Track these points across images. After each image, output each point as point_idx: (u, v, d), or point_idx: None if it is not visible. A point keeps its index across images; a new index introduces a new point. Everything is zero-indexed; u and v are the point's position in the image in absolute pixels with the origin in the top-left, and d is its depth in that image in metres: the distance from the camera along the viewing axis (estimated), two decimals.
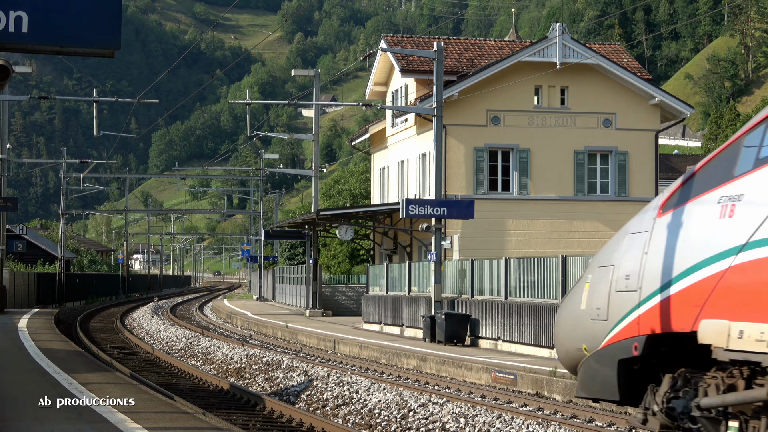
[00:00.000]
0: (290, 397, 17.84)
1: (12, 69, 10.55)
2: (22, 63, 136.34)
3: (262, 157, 74.58)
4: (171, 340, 32.26)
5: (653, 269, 10.54)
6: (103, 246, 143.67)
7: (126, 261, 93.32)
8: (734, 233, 9.64)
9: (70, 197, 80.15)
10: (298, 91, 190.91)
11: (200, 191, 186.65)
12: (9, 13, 9.10)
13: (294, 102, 36.64)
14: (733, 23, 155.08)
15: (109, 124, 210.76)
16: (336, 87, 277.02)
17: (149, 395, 14.46)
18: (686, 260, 10.12)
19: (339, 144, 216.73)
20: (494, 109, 38.75)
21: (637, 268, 10.80)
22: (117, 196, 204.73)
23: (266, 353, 24.11)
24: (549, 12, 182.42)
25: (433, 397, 15.56)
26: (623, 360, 10.66)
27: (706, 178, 10.52)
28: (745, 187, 9.88)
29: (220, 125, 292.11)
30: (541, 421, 13.11)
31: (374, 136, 48.14)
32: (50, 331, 30.26)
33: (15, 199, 44.86)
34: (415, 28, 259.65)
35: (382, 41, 42.95)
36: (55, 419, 11.78)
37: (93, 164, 61.66)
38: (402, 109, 39.15)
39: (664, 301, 10.37)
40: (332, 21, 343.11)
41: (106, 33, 9.40)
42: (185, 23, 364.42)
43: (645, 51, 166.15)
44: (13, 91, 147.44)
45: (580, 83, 39.16)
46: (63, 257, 64.19)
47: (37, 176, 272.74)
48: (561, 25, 39.67)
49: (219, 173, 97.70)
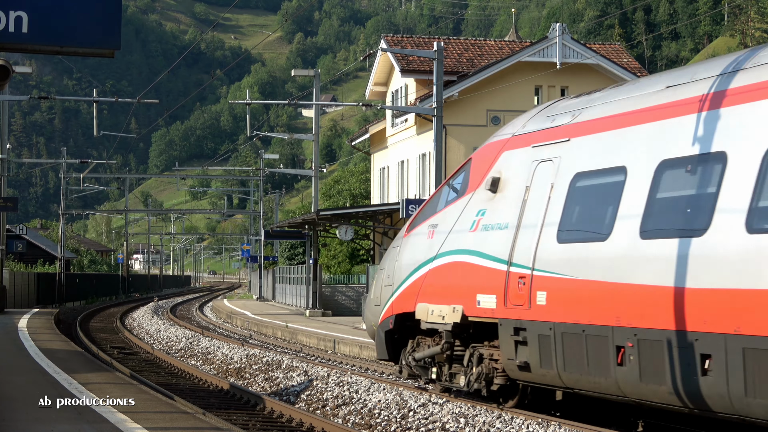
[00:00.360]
0: (290, 397, 17.85)
1: (12, 69, 10.55)
2: (22, 63, 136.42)
3: (262, 157, 74.58)
4: (171, 340, 32.26)
5: (399, 271, 16.42)
6: (103, 246, 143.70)
7: (126, 261, 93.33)
8: (431, 249, 15.59)
9: (70, 197, 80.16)
10: (298, 91, 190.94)
11: (200, 191, 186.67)
12: (9, 13, 9.11)
13: (294, 102, 36.64)
14: (733, 23, 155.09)
15: (109, 124, 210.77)
16: (336, 87, 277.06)
17: (149, 395, 14.47)
18: (412, 266, 16.05)
19: (339, 144, 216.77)
20: (494, 109, 38.76)
21: (392, 270, 16.78)
22: (117, 196, 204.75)
23: (266, 353, 24.11)
24: (549, 12, 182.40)
25: (433, 397, 15.56)
26: (388, 331, 16.72)
27: (426, 210, 16.54)
28: (439, 219, 15.77)
29: (220, 125, 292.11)
30: (541, 421, 13.11)
31: (374, 136, 48.16)
32: (50, 331, 30.27)
33: (15, 199, 44.87)
34: (415, 28, 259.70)
35: (382, 41, 42.97)
36: (55, 419, 11.78)
37: (93, 164, 61.67)
38: (402, 109, 39.17)
39: (402, 292, 16.24)
40: (332, 21, 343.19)
41: (106, 33, 9.40)
42: (185, 23, 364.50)
43: (645, 51, 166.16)
44: (13, 91, 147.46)
45: (580, 83, 39.12)
46: (63, 257, 64.20)
47: (37, 176, 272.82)
48: (561, 25, 39.70)
49: (219, 173, 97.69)
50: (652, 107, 12.34)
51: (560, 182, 13.32)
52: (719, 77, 11.53)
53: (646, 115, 12.33)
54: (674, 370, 11.03)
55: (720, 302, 10.48)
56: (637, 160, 12.13)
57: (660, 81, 12.82)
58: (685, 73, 12.40)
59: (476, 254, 14.44)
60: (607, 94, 13.70)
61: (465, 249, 14.76)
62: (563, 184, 13.25)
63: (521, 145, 14.57)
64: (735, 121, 10.98)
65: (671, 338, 11.03)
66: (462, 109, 38.40)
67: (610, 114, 13.05)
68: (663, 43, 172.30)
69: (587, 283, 12.31)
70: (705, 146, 11.20)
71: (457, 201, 15.49)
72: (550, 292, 12.90)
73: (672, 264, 11.08)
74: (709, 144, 11.17)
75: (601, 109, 13.35)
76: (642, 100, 12.64)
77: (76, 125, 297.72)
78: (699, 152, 11.27)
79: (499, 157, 14.91)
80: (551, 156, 13.70)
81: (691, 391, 10.89)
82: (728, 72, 11.47)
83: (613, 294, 11.90)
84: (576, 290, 12.51)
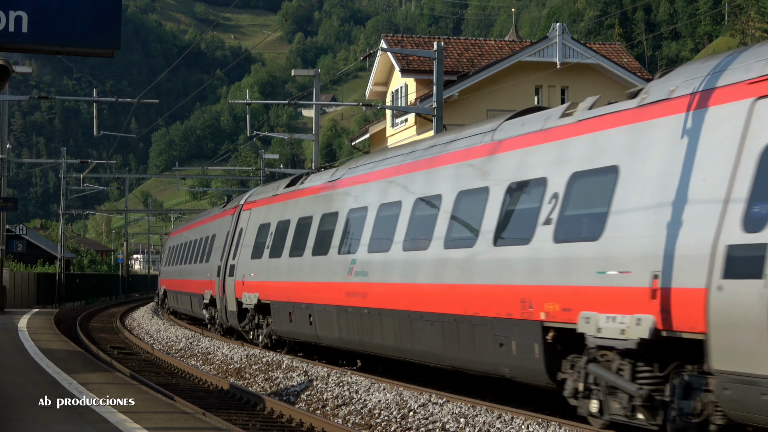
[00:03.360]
0: (290, 397, 17.84)
1: (12, 69, 10.55)
2: (22, 63, 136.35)
3: (262, 157, 74.45)
4: (171, 340, 32.24)
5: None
6: (103, 246, 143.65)
7: (126, 261, 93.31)
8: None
9: (70, 197, 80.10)
10: (298, 91, 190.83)
11: (200, 191, 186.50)
12: (9, 13, 9.10)
13: (294, 102, 36.56)
14: (733, 23, 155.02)
15: (109, 124, 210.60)
16: (336, 87, 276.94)
17: (149, 395, 14.46)
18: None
19: (339, 144, 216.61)
20: (494, 109, 38.71)
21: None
22: (117, 196, 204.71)
23: (266, 353, 24.10)
24: (549, 12, 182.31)
25: (433, 397, 15.55)
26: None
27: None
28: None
29: (220, 125, 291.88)
30: (541, 421, 13.10)
31: (374, 136, 48.13)
32: (50, 331, 30.26)
33: (15, 199, 44.83)
34: (415, 28, 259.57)
35: (382, 41, 42.94)
36: (55, 419, 11.78)
37: (93, 164, 61.57)
38: (402, 109, 39.14)
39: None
40: (332, 21, 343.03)
41: (106, 33, 9.40)
42: (185, 23, 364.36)
43: (645, 51, 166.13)
44: (13, 91, 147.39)
45: (580, 83, 39.11)
46: (63, 257, 64.17)
47: (37, 176, 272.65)
48: (561, 25, 39.67)
49: (219, 173, 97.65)
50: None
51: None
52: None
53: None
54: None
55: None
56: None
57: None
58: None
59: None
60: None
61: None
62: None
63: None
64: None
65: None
66: (462, 109, 38.37)
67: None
68: (663, 42, 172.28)
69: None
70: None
71: None
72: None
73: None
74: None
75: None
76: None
77: (76, 125, 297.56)
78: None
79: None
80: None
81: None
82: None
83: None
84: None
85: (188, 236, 41.72)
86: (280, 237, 24.01)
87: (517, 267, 13.74)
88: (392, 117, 43.87)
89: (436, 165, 17.08)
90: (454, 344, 15.43)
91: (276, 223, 24.79)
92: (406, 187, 17.97)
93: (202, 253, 34.87)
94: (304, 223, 22.71)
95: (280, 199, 25.31)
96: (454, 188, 16.14)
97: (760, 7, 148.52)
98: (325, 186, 22.40)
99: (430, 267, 16.26)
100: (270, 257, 24.49)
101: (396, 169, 18.76)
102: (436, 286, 16.00)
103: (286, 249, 23.39)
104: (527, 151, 14.35)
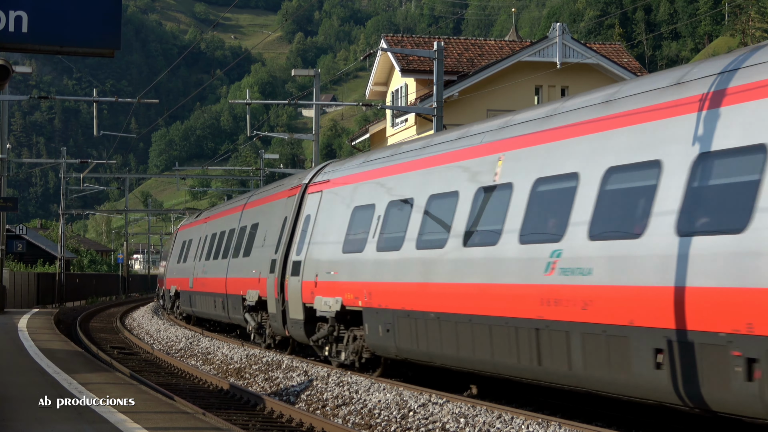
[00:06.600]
0: (290, 397, 17.84)
1: (12, 69, 10.55)
2: (22, 63, 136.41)
3: (262, 157, 74.49)
4: (171, 340, 32.25)
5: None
6: (103, 246, 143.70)
7: (126, 261, 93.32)
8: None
9: (70, 197, 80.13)
10: (298, 91, 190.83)
11: (200, 191, 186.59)
12: (9, 13, 9.10)
13: (294, 102, 36.55)
14: (733, 23, 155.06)
15: (109, 124, 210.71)
16: (336, 87, 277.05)
17: (149, 395, 14.46)
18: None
19: (339, 144, 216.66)
20: (494, 109, 38.71)
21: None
22: (117, 196, 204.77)
23: (266, 353, 24.10)
24: (549, 12, 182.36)
25: (433, 397, 15.55)
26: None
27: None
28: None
29: (220, 125, 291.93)
30: (541, 421, 13.09)
31: (374, 136, 48.13)
32: (50, 331, 30.26)
33: (15, 199, 44.84)
34: (415, 28, 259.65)
35: (382, 41, 42.94)
36: (55, 419, 11.77)
37: (93, 164, 61.58)
38: (402, 109, 39.15)
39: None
40: (332, 21, 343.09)
41: (106, 33, 9.40)
42: (185, 23, 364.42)
43: (645, 51, 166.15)
44: (13, 91, 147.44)
45: (580, 83, 39.11)
46: (63, 257, 64.18)
47: (37, 176, 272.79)
48: (561, 25, 39.68)
49: (219, 173, 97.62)
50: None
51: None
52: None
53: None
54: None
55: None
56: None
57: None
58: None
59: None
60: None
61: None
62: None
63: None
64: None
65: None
66: (462, 109, 38.37)
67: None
68: (663, 42, 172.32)
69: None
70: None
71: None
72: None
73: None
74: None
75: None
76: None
77: (76, 125, 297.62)
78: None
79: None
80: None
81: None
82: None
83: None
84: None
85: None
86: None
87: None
88: (392, 117, 43.87)
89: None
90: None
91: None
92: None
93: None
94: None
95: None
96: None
97: (760, 7, 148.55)
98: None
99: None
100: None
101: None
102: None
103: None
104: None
